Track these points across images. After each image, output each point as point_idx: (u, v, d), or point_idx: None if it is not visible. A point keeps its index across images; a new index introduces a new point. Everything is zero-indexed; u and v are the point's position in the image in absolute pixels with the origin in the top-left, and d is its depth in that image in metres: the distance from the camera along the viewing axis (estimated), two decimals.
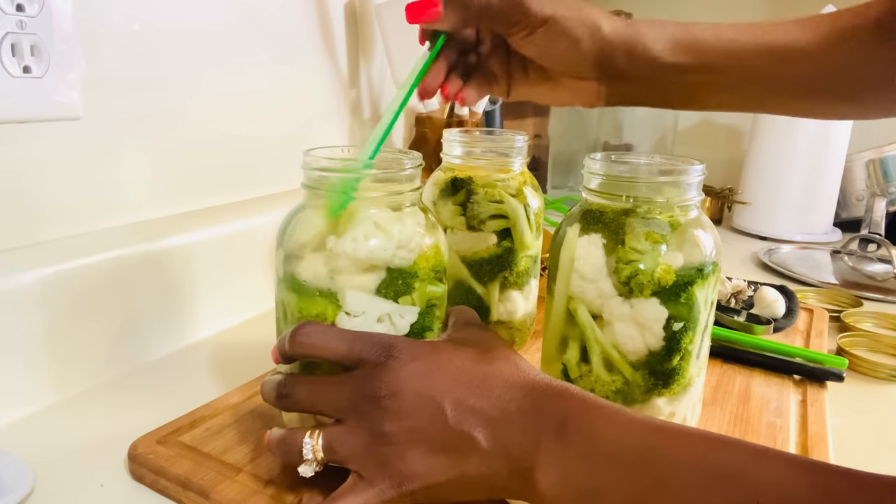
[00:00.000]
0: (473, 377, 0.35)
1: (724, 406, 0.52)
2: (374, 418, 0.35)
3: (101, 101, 0.56)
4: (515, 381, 0.35)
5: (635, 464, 0.31)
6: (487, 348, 0.38)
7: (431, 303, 0.41)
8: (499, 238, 0.55)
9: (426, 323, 0.40)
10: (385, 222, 0.39)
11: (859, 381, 0.59)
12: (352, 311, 0.38)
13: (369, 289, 0.38)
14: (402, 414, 0.34)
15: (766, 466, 0.28)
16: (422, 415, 0.34)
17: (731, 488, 0.28)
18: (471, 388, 0.35)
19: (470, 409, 0.34)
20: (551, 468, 0.32)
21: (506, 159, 0.55)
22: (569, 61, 0.45)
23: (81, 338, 0.52)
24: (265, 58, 0.75)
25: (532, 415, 0.34)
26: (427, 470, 0.34)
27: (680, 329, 0.40)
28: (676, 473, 0.30)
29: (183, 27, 0.63)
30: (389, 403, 0.34)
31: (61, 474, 0.42)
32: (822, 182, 1.08)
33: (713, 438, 0.31)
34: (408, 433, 0.34)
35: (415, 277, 0.39)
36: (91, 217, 0.58)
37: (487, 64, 0.48)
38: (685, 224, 0.41)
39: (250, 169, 0.75)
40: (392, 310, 0.39)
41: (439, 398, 0.34)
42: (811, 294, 0.80)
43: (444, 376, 0.35)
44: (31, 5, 0.49)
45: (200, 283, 0.62)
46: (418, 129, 1.00)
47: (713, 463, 0.29)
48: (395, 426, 0.34)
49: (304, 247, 0.39)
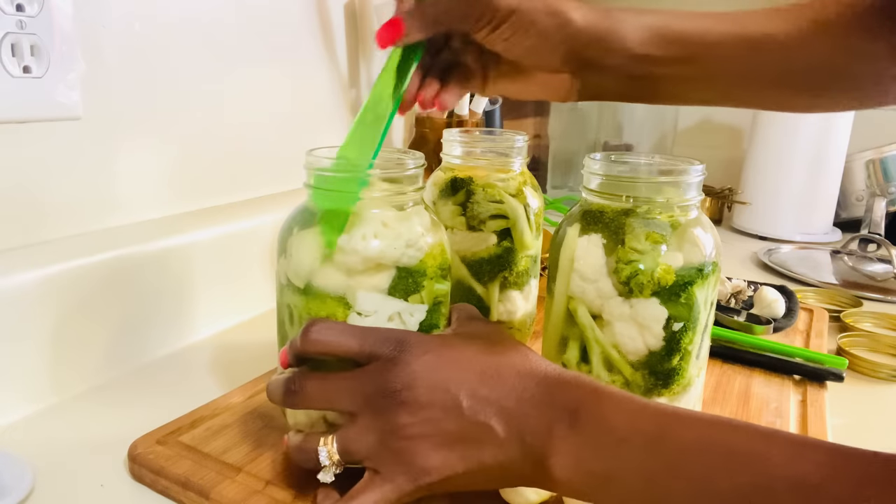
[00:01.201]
0: (486, 368, 0.36)
1: (724, 406, 0.52)
2: (388, 412, 0.35)
3: (101, 101, 0.56)
4: (528, 371, 0.36)
5: (647, 449, 0.31)
6: (497, 340, 0.38)
7: (438, 300, 0.41)
8: (499, 238, 0.55)
9: (434, 320, 0.41)
10: (392, 221, 0.39)
11: (859, 381, 0.59)
12: (363, 310, 0.38)
13: (380, 288, 0.39)
14: (417, 406, 0.34)
15: (775, 448, 0.29)
16: (437, 407, 0.34)
17: (742, 470, 0.29)
18: (484, 378, 0.35)
19: (485, 399, 0.34)
20: (565, 455, 0.32)
21: (506, 159, 0.55)
22: (538, 55, 0.43)
23: (81, 338, 0.52)
24: (265, 58, 0.74)
25: (545, 403, 0.34)
26: (444, 462, 0.34)
27: (680, 329, 0.40)
28: (687, 457, 0.30)
29: (183, 27, 0.63)
30: (405, 396, 0.34)
31: (61, 474, 0.42)
32: (822, 182, 1.08)
33: (722, 422, 0.31)
34: (423, 426, 0.34)
35: (423, 276, 0.39)
36: (91, 217, 0.58)
37: (462, 60, 0.47)
38: (685, 224, 0.41)
39: (250, 169, 0.75)
40: (402, 308, 0.39)
41: (454, 390, 0.34)
42: (811, 294, 0.80)
43: (457, 368, 0.35)
44: (31, 5, 0.49)
45: (200, 283, 0.62)
46: (418, 129, 1.00)
47: (723, 445, 0.30)
48: (411, 419, 0.34)
49: (311, 269, 0.39)
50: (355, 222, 0.38)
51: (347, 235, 0.38)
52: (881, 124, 1.21)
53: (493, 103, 1.11)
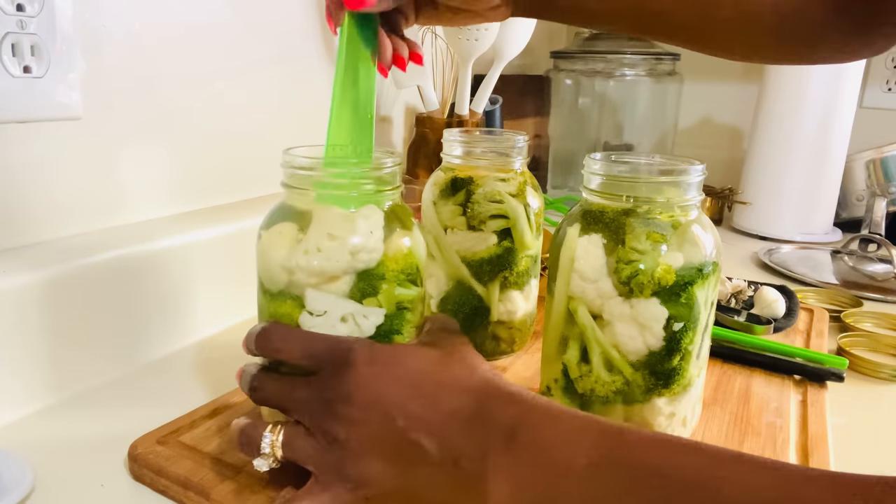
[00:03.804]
0: (426, 383, 0.35)
1: (724, 406, 0.52)
2: (328, 423, 0.35)
3: (101, 101, 0.56)
4: (468, 387, 0.35)
5: (590, 472, 0.29)
6: (449, 352, 0.37)
7: (402, 306, 0.40)
8: (499, 238, 0.55)
9: (394, 326, 0.40)
10: (338, 229, 0.38)
11: (859, 381, 0.59)
12: (313, 310, 0.38)
13: (341, 291, 0.38)
14: (353, 420, 0.34)
15: (726, 469, 0.27)
16: (373, 423, 0.34)
17: (691, 493, 0.27)
18: (421, 394, 0.34)
19: (419, 417, 0.33)
20: (503, 480, 0.31)
21: (506, 159, 0.55)
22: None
23: (81, 338, 0.52)
24: (265, 58, 0.75)
25: (481, 422, 0.33)
26: (379, 476, 0.34)
27: (680, 329, 0.40)
28: (633, 481, 0.29)
29: (183, 27, 0.63)
30: (342, 411, 0.34)
31: (61, 474, 0.42)
32: (822, 182, 1.07)
33: (671, 442, 0.30)
34: (360, 440, 0.34)
35: (381, 279, 0.38)
36: (91, 217, 0.58)
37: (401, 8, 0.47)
38: (685, 224, 0.41)
39: (250, 169, 0.75)
40: (355, 310, 0.38)
41: (389, 406, 0.34)
42: (811, 294, 0.80)
43: (396, 383, 0.35)
44: (31, 5, 0.49)
45: (200, 283, 0.62)
46: (418, 129, 1.00)
47: (672, 467, 0.28)
48: (348, 432, 0.34)
49: (278, 263, 0.39)
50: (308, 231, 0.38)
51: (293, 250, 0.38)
52: (882, 124, 1.21)
53: (494, 103, 1.11)
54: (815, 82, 1.02)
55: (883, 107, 1.23)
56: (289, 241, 0.39)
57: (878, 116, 1.22)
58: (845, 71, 1.02)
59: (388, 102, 1.03)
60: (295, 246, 0.38)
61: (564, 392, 0.45)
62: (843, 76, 1.02)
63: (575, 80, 1.27)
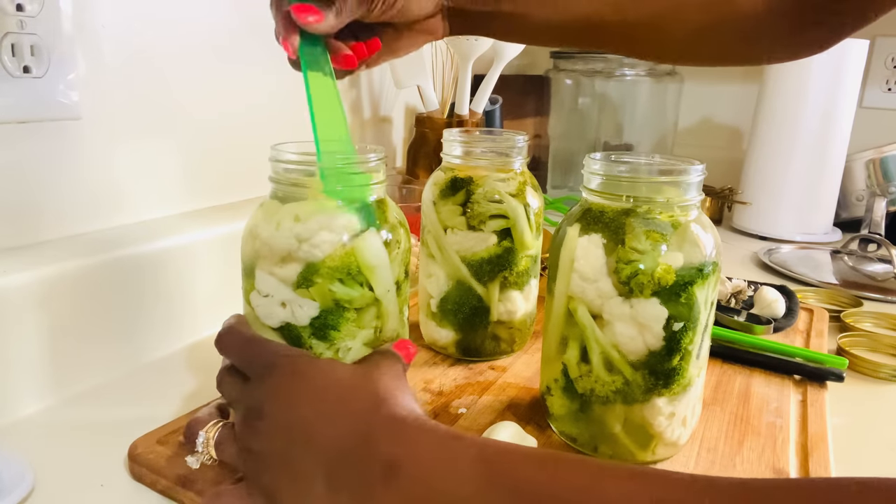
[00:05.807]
0: (329, 406, 0.34)
1: (724, 406, 0.52)
2: (245, 433, 0.36)
3: (101, 101, 0.56)
4: (364, 409, 0.34)
5: (477, 501, 0.29)
6: (365, 371, 0.36)
7: (342, 305, 0.39)
8: (499, 238, 0.55)
9: (331, 322, 0.39)
10: (306, 215, 0.39)
11: (859, 381, 0.59)
12: (260, 290, 0.40)
13: (283, 275, 0.39)
14: (265, 435, 0.35)
15: (609, 482, 0.27)
16: (278, 441, 0.34)
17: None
18: (321, 420, 0.34)
19: (316, 445, 0.33)
20: None
21: (506, 159, 0.55)
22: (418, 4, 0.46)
23: (81, 338, 0.52)
24: (265, 58, 0.74)
25: (367, 456, 0.32)
26: (284, 493, 0.34)
27: (680, 329, 0.40)
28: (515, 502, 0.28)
29: (183, 27, 0.63)
30: (256, 422, 0.35)
31: (61, 474, 0.42)
32: (822, 182, 1.08)
33: (553, 458, 0.30)
34: (270, 455, 0.34)
35: (315, 272, 0.39)
36: (91, 217, 0.58)
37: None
38: (685, 224, 0.41)
39: (250, 169, 0.75)
40: (292, 298, 0.39)
41: (292, 427, 0.34)
42: (811, 294, 0.80)
43: (306, 404, 0.34)
44: (31, 5, 0.49)
45: (200, 283, 0.62)
46: (418, 129, 1.00)
47: (554, 485, 0.28)
48: (260, 445, 0.35)
49: (249, 227, 0.42)
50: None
51: (266, 220, 0.40)
52: (882, 124, 1.21)
53: (494, 103, 1.11)
54: (815, 82, 1.02)
55: (883, 107, 1.23)
56: (267, 214, 0.40)
57: (878, 116, 1.23)
58: (845, 71, 1.02)
59: (389, 102, 1.03)
60: (269, 219, 0.40)
61: (564, 392, 0.45)
62: (843, 76, 1.02)
63: (575, 79, 1.27)
